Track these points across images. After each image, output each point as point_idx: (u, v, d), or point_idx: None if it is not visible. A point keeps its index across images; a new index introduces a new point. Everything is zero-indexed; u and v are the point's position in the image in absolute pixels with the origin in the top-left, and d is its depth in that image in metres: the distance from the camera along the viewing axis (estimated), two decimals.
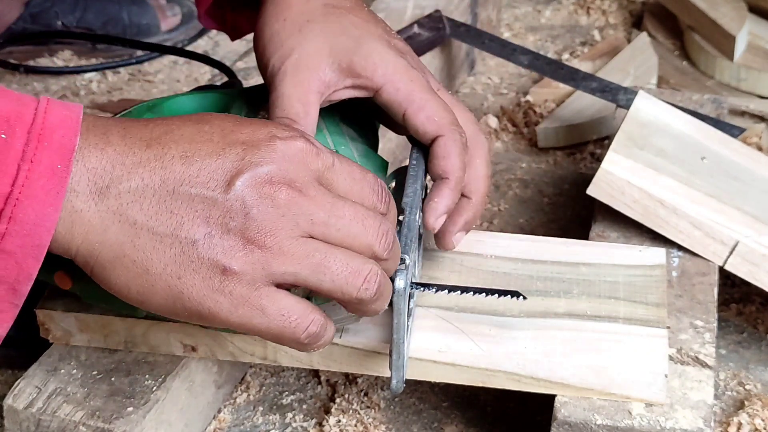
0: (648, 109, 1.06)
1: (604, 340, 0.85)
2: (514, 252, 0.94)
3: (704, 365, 0.85)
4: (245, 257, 0.67)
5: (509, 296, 0.82)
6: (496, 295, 0.82)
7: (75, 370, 0.86)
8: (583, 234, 1.03)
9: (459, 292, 0.83)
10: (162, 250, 0.67)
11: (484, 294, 0.83)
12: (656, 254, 0.94)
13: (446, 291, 0.83)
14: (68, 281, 0.80)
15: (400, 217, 0.81)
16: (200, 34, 1.59)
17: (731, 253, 0.95)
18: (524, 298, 0.82)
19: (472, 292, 0.83)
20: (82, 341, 0.88)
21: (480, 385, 0.84)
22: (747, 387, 0.97)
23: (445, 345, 0.84)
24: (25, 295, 0.67)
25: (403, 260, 0.77)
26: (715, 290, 0.94)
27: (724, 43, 1.40)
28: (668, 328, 0.87)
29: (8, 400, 0.83)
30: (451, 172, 0.84)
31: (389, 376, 0.80)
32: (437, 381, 0.85)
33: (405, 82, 0.84)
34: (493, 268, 0.92)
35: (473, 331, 0.85)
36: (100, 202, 0.67)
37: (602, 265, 0.92)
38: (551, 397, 0.82)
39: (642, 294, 0.89)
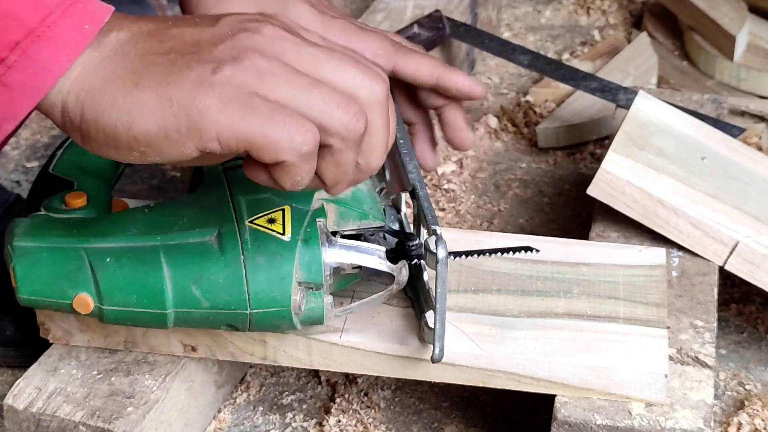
0: (648, 109, 1.06)
1: (604, 340, 0.84)
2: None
3: (704, 365, 0.85)
4: (235, 65, 0.66)
5: (523, 251, 0.85)
6: (511, 252, 0.85)
7: (75, 370, 0.86)
8: (583, 234, 1.03)
9: (476, 255, 0.85)
10: (152, 66, 0.66)
11: (499, 253, 0.85)
12: (656, 254, 0.94)
13: (464, 256, 0.84)
14: (89, 302, 0.78)
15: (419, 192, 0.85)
16: None
17: (731, 253, 0.95)
18: (537, 251, 0.85)
19: (488, 254, 0.85)
20: (82, 341, 0.88)
21: (480, 385, 0.84)
22: (747, 387, 0.97)
23: (446, 345, 0.84)
24: (5, 135, 0.68)
25: (435, 231, 0.79)
26: (715, 290, 0.94)
27: (725, 43, 1.40)
28: (668, 328, 0.87)
29: (8, 400, 0.83)
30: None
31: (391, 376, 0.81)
32: (437, 381, 0.85)
33: None
34: (493, 268, 0.92)
35: (473, 331, 0.85)
36: (101, 51, 0.67)
37: (602, 265, 0.92)
38: (551, 397, 0.83)
39: (642, 294, 0.89)
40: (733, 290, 1.06)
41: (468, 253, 0.85)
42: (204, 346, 0.87)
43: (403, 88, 1.01)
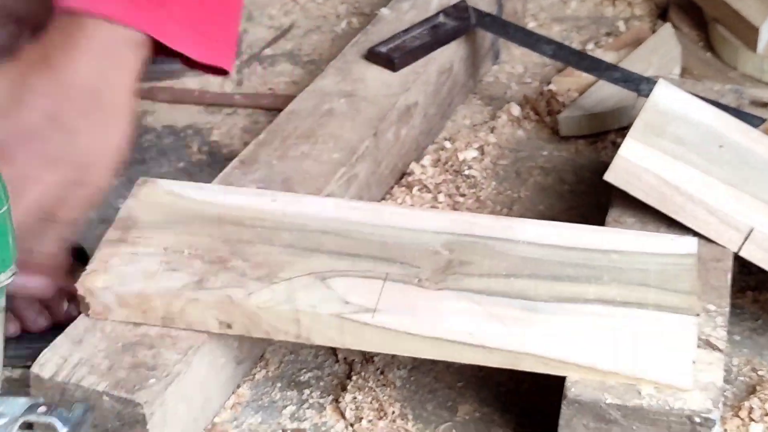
0: (667, 98, 1.07)
1: (634, 326, 0.85)
2: (544, 238, 0.95)
3: (715, 348, 0.86)
4: None
5: None
6: None
7: (100, 342, 0.88)
8: (602, 221, 1.04)
9: None
10: None
11: None
12: (688, 243, 0.94)
13: None
14: None
15: None
16: None
17: (746, 239, 0.96)
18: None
19: None
20: (121, 316, 0.90)
21: (509, 367, 0.85)
22: (760, 372, 0.98)
23: (476, 327, 0.85)
24: None
25: None
26: (729, 276, 0.95)
27: (748, 34, 1.41)
28: (698, 315, 0.87)
29: (35, 369, 0.85)
30: None
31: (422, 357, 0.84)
32: (468, 363, 0.85)
33: None
34: (524, 254, 0.93)
35: (503, 315, 0.86)
36: None
37: (634, 253, 0.93)
38: (564, 380, 0.84)
39: (673, 282, 0.89)
40: (749, 278, 1.07)
41: None
42: (239, 323, 0.88)
43: None
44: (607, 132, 1.32)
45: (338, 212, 0.97)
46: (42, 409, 0.79)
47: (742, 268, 1.06)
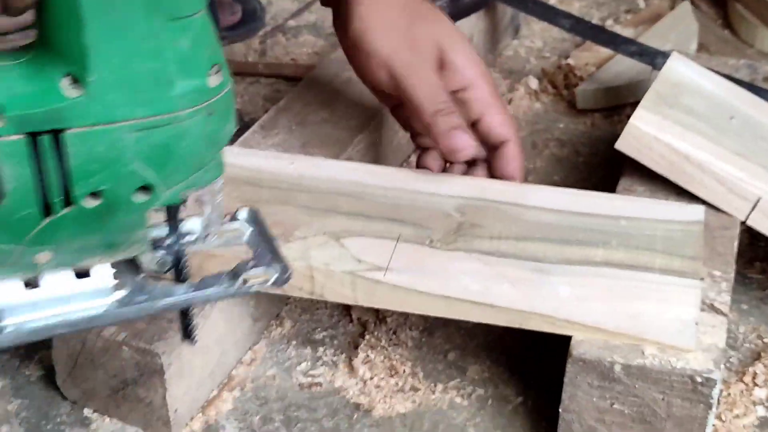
0: (680, 70, 1.09)
1: (639, 288, 0.87)
2: (556, 204, 0.97)
3: (719, 312, 0.88)
4: None
5: None
6: None
7: None
8: (613, 191, 1.06)
9: None
10: None
11: None
12: (695, 211, 0.96)
13: None
14: None
15: None
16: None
17: (753, 208, 0.98)
18: None
19: None
20: None
21: (516, 326, 0.86)
22: (765, 340, 1.00)
23: (485, 287, 0.87)
24: None
25: None
26: (735, 244, 0.97)
27: (766, 12, 1.42)
28: (702, 279, 0.89)
29: None
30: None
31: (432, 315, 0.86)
32: (476, 321, 0.87)
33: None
34: (535, 218, 0.95)
35: (513, 275, 0.88)
36: None
37: (642, 219, 0.95)
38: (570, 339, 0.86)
39: (679, 247, 0.91)
40: (758, 249, 1.09)
41: None
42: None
43: None
44: (623, 105, 1.34)
45: (354, 175, 1.00)
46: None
47: (752, 239, 1.08)
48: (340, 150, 1.09)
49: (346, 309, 1.03)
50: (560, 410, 0.85)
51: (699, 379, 0.82)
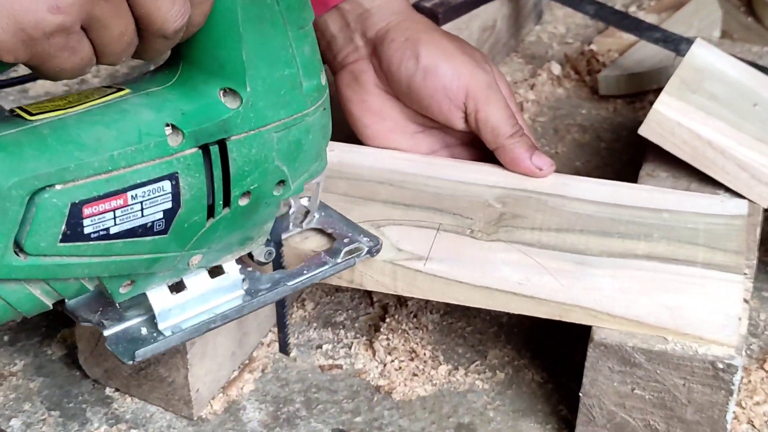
0: (704, 56, 1.08)
1: (681, 282, 0.87)
2: (597, 196, 0.96)
3: (744, 300, 0.88)
4: None
5: None
6: None
7: None
8: (636, 178, 1.05)
9: None
10: None
11: None
12: (738, 205, 0.96)
13: None
14: None
15: None
16: None
17: None
18: None
19: None
20: None
21: (557, 318, 0.86)
22: None
23: (525, 278, 0.86)
24: None
25: None
26: (758, 230, 0.96)
27: None
28: (745, 274, 0.89)
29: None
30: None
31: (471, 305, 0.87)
32: (516, 312, 0.87)
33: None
34: (576, 210, 0.95)
35: (553, 267, 0.87)
36: None
37: (684, 213, 0.94)
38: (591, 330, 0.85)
39: (722, 241, 0.91)
40: None
41: None
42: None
43: None
44: (645, 92, 1.34)
45: (393, 163, 1.00)
46: None
47: None
48: None
49: (367, 292, 1.03)
50: (581, 394, 0.85)
51: (720, 366, 0.81)
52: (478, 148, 1.03)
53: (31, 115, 0.68)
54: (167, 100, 0.71)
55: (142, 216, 0.70)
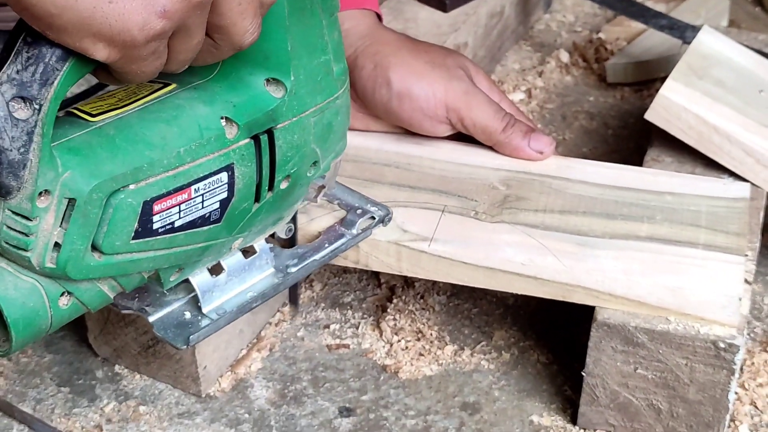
0: (711, 43, 1.09)
1: (683, 263, 0.87)
2: (600, 178, 0.97)
3: (745, 281, 0.89)
4: None
5: None
6: None
7: None
8: (641, 164, 1.06)
9: None
10: None
11: None
12: (741, 188, 0.97)
13: None
14: None
15: None
16: None
17: None
18: None
19: None
20: None
21: (559, 299, 0.87)
22: None
23: (529, 259, 0.87)
24: None
25: None
26: (761, 214, 0.97)
27: None
28: (746, 256, 0.89)
29: None
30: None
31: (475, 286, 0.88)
32: (519, 293, 0.88)
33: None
34: (580, 192, 0.95)
35: (556, 248, 0.88)
36: None
37: (687, 195, 0.95)
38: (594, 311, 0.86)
39: (723, 224, 0.91)
40: None
41: None
42: None
43: None
44: (653, 80, 1.34)
45: (399, 146, 1.01)
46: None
47: None
48: None
49: (375, 273, 1.04)
50: (584, 374, 0.86)
51: (722, 345, 0.82)
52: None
53: (92, 116, 0.69)
54: (216, 93, 0.73)
55: (203, 207, 0.72)
